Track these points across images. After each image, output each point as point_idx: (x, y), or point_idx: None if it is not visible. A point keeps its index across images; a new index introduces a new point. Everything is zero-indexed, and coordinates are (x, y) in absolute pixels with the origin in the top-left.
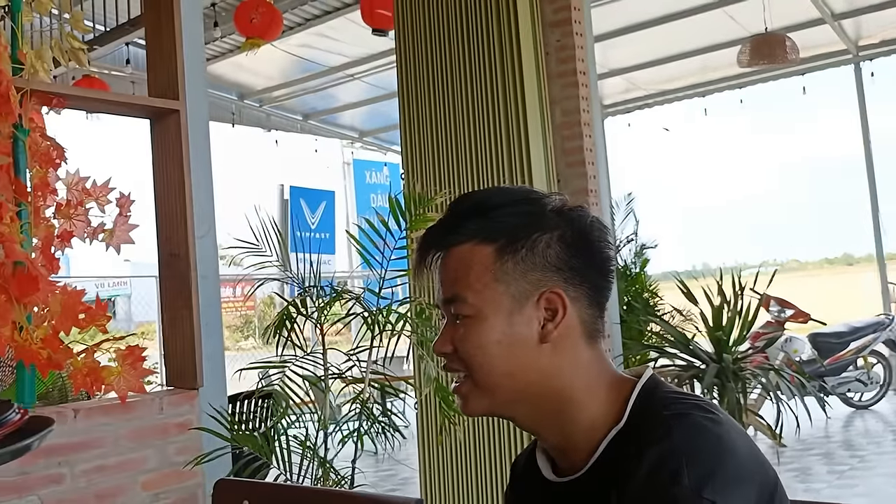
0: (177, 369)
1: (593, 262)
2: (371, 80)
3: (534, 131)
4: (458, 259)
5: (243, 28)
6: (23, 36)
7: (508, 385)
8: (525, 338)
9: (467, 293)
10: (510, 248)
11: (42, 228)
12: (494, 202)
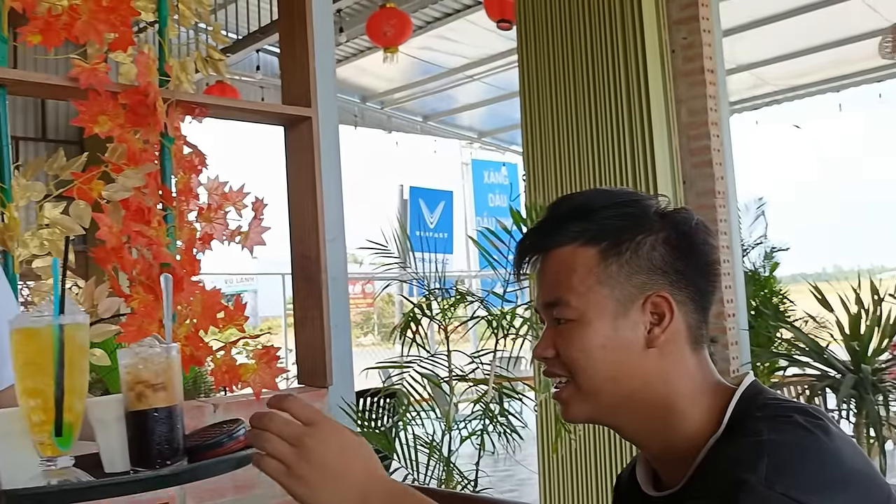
0: (308, 368)
1: (698, 266)
2: (490, 81)
3: (658, 131)
4: (560, 262)
5: (378, 39)
6: (169, 49)
7: (611, 390)
8: (630, 342)
9: (570, 296)
10: (614, 250)
11: (185, 231)
12: (596, 204)
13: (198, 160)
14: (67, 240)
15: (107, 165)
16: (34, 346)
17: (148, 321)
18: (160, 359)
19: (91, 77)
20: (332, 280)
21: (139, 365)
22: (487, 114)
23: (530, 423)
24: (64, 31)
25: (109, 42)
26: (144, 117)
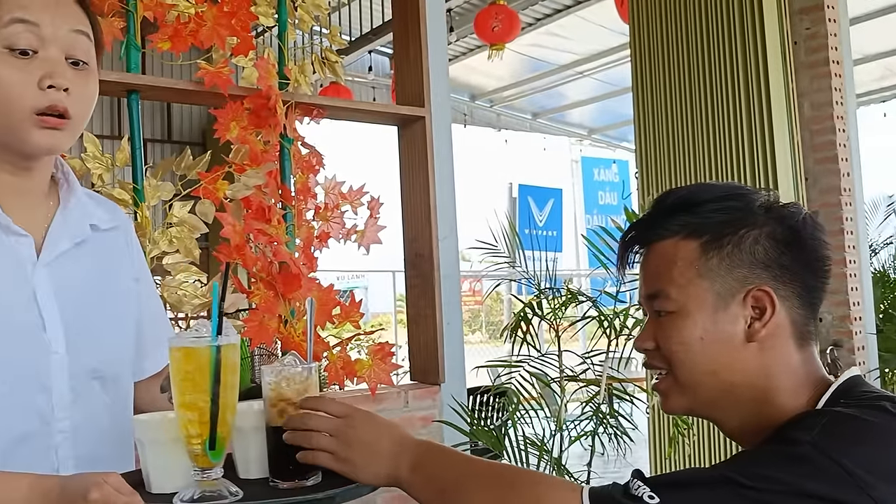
0: (420, 365)
1: (806, 261)
2: (601, 77)
3: (779, 126)
4: (662, 255)
5: (485, 35)
6: (288, 53)
7: (711, 383)
8: (730, 336)
9: (670, 288)
10: (716, 243)
11: (303, 230)
12: (700, 198)
13: (315, 160)
14: (227, 266)
15: (230, 166)
16: (193, 363)
17: (269, 317)
18: (301, 378)
19: (215, 79)
20: (444, 278)
21: (282, 383)
22: (598, 110)
23: (641, 426)
24: (191, 38)
25: (232, 47)
26: (265, 119)
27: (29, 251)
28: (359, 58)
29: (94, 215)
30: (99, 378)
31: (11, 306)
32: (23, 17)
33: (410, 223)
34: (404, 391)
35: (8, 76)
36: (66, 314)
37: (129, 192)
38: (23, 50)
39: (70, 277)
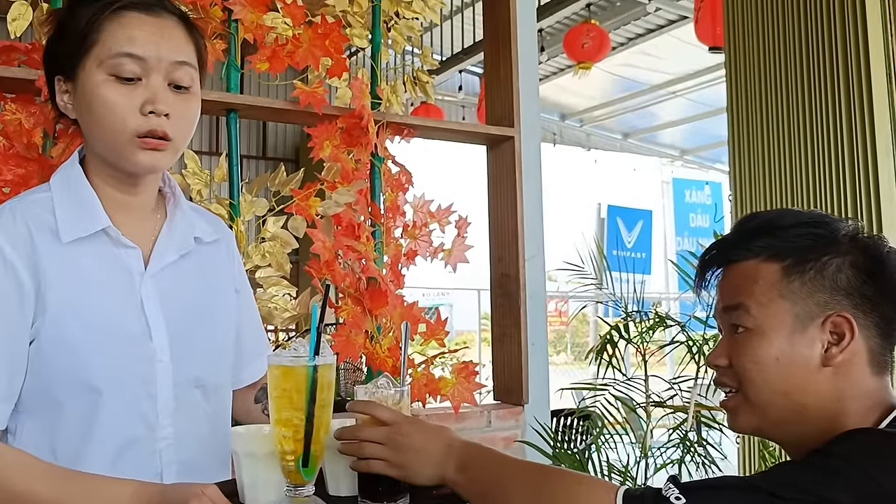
0: (504, 385)
1: (888, 293)
2: (694, 97)
3: (883, 150)
4: (743, 274)
5: (574, 53)
6: (380, 73)
7: (782, 404)
8: (805, 358)
9: (750, 303)
10: (798, 267)
11: (392, 247)
12: (783, 222)
13: (405, 179)
14: (328, 288)
15: (322, 183)
16: (290, 382)
17: (355, 332)
18: (394, 400)
19: (310, 98)
20: (530, 298)
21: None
22: (690, 131)
23: (730, 455)
24: (287, 58)
25: (327, 68)
26: (357, 138)
27: (137, 262)
28: (449, 77)
29: (199, 228)
30: (201, 386)
31: (120, 315)
32: (130, 52)
33: (497, 243)
34: (487, 411)
35: (113, 101)
36: (171, 324)
37: (225, 208)
38: (127, 77)
39: (175, 288)
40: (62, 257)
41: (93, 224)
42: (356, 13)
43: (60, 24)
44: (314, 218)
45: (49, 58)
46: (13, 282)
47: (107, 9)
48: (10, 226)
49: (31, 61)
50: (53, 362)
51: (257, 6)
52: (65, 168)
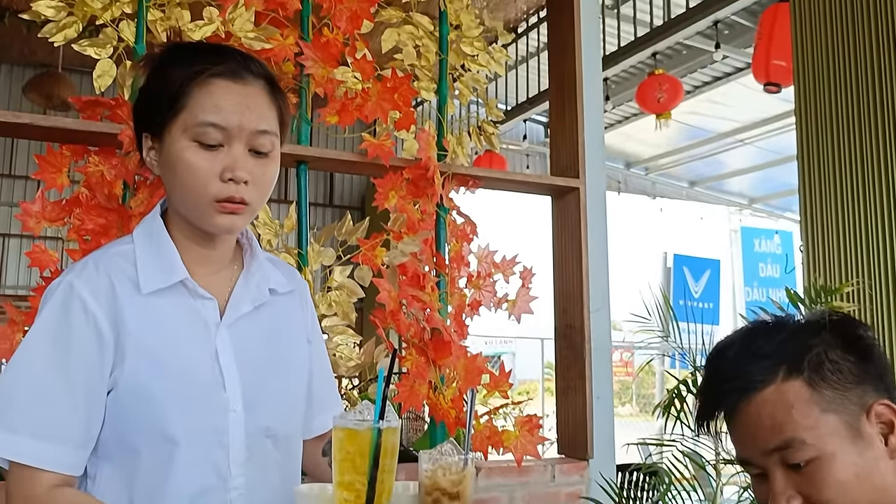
0: (568, 438)
1: (875, 363)
2: (763, 145)
3: None
4: (770, 403)
5: (649, 106)
6: (446, 125)
7: None
8: (876, 460)
9: (802, 434)
10: (818, 374)
11: (456, 297)
12: (773, 339)
13: (469, 229)
14: (395, 353)
15: (388, 233)
16: (354, 445)
17: (419, 382)
18: (458, 468)
19: (378, 150)
20: (595, 351)
21: (438, 472)
22: (759, 179)
23: None
24: (356, 112)
25: (395, 121)
26: (423, 189)
27: (213, 313)
28: (514, 126)
29: (274, 279)
30: (272, 436)
31: (196, 365)
32: (214, 122)
33: (562, 294)
34: (551, 465)
35: (196, 166)
36: (244, 374)
37: (294, 257)
38: (210, 144)
39: (249, 339)
40: (142, 308)
41: (172, 276)
42: (424, 66)
43: (151, 83)
44: (380, 267)
45: (138, 113)
46: (94, 332)
47: (196, 76)
48: (93, 277)
49: (114, 116)
50: (131, 411)
51: (328, 61)
52: (147, 221)
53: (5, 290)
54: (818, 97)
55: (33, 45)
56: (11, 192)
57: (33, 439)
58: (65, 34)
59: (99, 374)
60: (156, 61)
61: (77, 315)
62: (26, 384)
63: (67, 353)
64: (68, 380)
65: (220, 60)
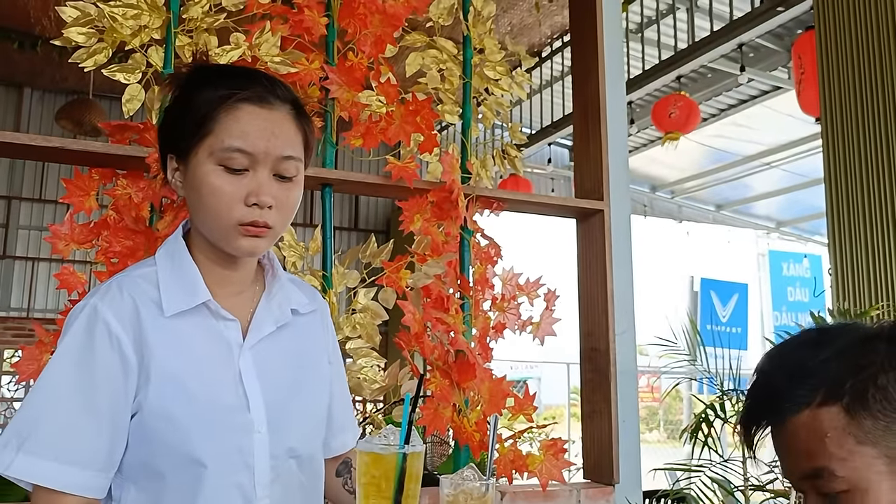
0: (594, 463)
1: None
2: (790, 168)
3: None
4: (804, 429)
5: (661, 123)
6: (470, 147)
7: None
8: None
9: (832, 465)
10: (859, 401)
11: (480, 320)
12: (812, 358)
13: (494, 251)
14: (422, 378)
15: (412, 255)
16: (379, 469)
17: (443, 405)
18: (479, 493)
19: (402, 173)
20: (620, 374)
21: (460, 497)
22: (787, 202)
23: None
24: (380, 135)
25: (418, 143)
26: (447, 211)
27: (236, 334)
28: (538, 150)
29: (295, 299)
30: (296, 457)
31: (220, 387)
32: (241, 147)
33: (587, 317)
34: (576, 489)
35: (220, 190)
36: (268, 395)
37: (318, 279)
38: (235, 169)
39: (271, 360)
40: (165, 330)
41: (194, 298)
42: (447, 90)
43: (177, 104)
44: (404, 290)
45: (164, 135)
46: (118, 355)
47: (223, 101)
48: (116, 300)
49: (142, 140)
50: (155, 435)
51: (353, 85)
52: (169, 242)
53: (35, 314)
54: (845, 120)
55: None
56: (42, 217)
57: (57, 463)
58: (95, 60)
59: (123, 397)
60: (182, 82)
61: (102, 338)
62: (51, 408)
63: (92, 376)
64: (93, 404)
65: (246, 84)
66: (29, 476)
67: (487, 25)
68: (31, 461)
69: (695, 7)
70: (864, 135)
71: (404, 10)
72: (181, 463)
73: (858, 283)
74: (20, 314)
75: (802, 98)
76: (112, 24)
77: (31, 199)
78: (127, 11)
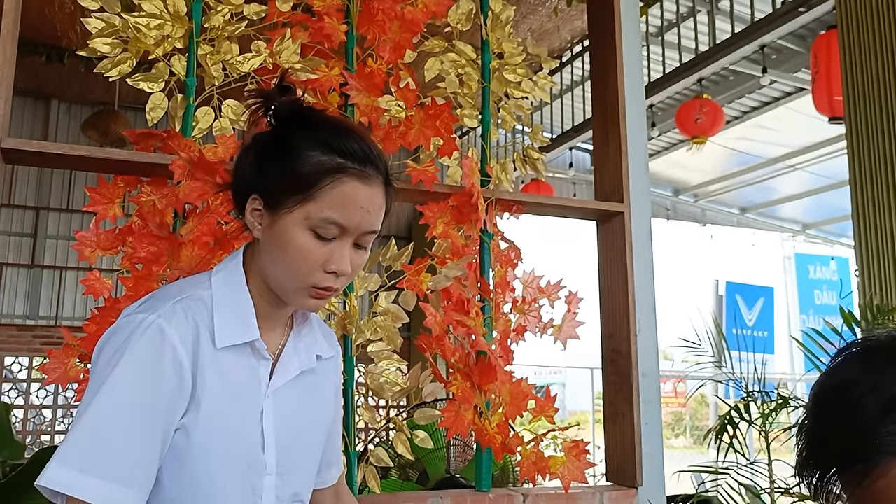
0: (616, 465)
1: None
2: (815, 170)
3: None
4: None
5: (687, 128)
6: (490, 151)
7: None
8: None
9: None
10: None
11: (501, 322)
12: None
13: (514, 254)
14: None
15: (433, 259)
16: None
17: (465, 407)
18: None
19: (422, 177)
20: (643, 376)
21: None
22: (812, 204)
23: None
24: (400, 139)
25: (438, 147)
26: (467, 215)
27: (265, 374)
28: (560, 154)
29: (320, 345)
30: (298, 501)
31: (246, 424)
32: (338, 221)
33: (608, 319)
34: (599, 492)
35: (307, 252)
36: (280, 439)
37: None
38: (326, 238)
39: (289, 404)
40: (215, 361)
41: (246, 334)
42: (466, 94)
43: (278, 150)
44: (425, 293)
45: (254, 173)
46: (179, 380)
47: (332, 173)
48: (182, 323)
49: (165, 147)
50: (186, 463)
51: (372, 91)
52: (229, 270)
53: (63, 322)
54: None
55: (91, 84)
56: (69, 226)
57: (118, 486)
58: (119, 69)
59: (173, 421)
60: (284, 121)
61: (168, 362)
62: (114, 428)
63: (155, 399)
64: (152, 427)
65: (355, 156)
66: (92, 497)
67: (506, 30)
68: (93, 483)
69: (715, 9)
70: (890, 134)
71: (423, 15)
72: (199, 492)
73: (886, 283)
74: (48, 322)
75: (816, 98)
76: (136, 34)
77: (58, 209)
78: (150, 21)
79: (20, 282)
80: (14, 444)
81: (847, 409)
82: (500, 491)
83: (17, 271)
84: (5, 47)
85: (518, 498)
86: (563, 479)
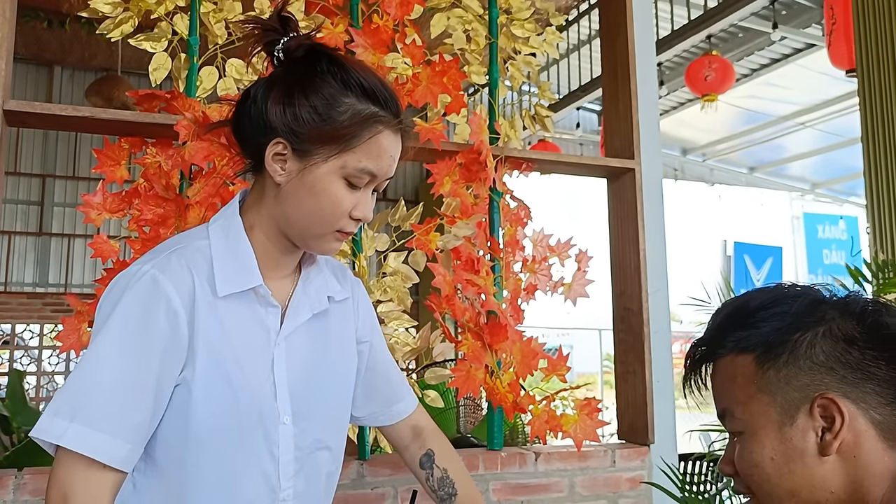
0: (628, 423)
1: (878, 353)
2: (825, 128)
3: None
4: (723, 372)
5: (696, 86)
6: (498, 108)
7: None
8: (801, 451)
9: (735, 407)
10: (769, 354)
11: (511, 282)
12: (748, 307)
13: (523, 213)
14: (414, 493)
15: (442, 218)
16: None
17: (476, 367)
18: None
19: (429, 135)
20: (654, 334)
21: None
22: (822, 163)
23: None
24: (407, 97)
25: (445, 105)
26: (476, 173)
27: (275, 321)
28: (566, 115)
29: (331, 286)
30: (325, 448)
31: (254, 374)
32: (372, 171)
33: (619, 276)
34: (611, 450)
35: (339, 200)
36: (293, 386)
37: (348, 243)
38: (357, 186)
39: (301, 349)
40: (215, 310)
41: (247, 281)
42: (474, 51)
43: (313, 96)
44: (434, 252)
45: (277, 114)
46: (174, 330)
47: (375, 124)
48: (178, 273)
49: (170, 108)
50: (191, 417)
51: (378, 48)
52: (225, 218)
53: (72, 289)
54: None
55: (93, 50)
56: (76, 194)
57: (109, 436)
58: (121, 30)
59: (170, 372)
60: (321, 67)
61: (161, 312)
62: (105, 378)
63: (148, 349)
64: (145, 377)
65: (386, 102)
66: (80, 447)
67: None
68: (83, 432)
69: None
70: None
71: None
72: (208, 446)
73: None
74: (58, 290)
75: (833, 50)
76: None
77: (64, 176)
78: None
79: (28, 250)
80: (27, 411)
81: (738, 306)
82: (512, 449)
83: (26, 239)
84: (4, 7)
85: (530, 456)
86: (575, 437)
